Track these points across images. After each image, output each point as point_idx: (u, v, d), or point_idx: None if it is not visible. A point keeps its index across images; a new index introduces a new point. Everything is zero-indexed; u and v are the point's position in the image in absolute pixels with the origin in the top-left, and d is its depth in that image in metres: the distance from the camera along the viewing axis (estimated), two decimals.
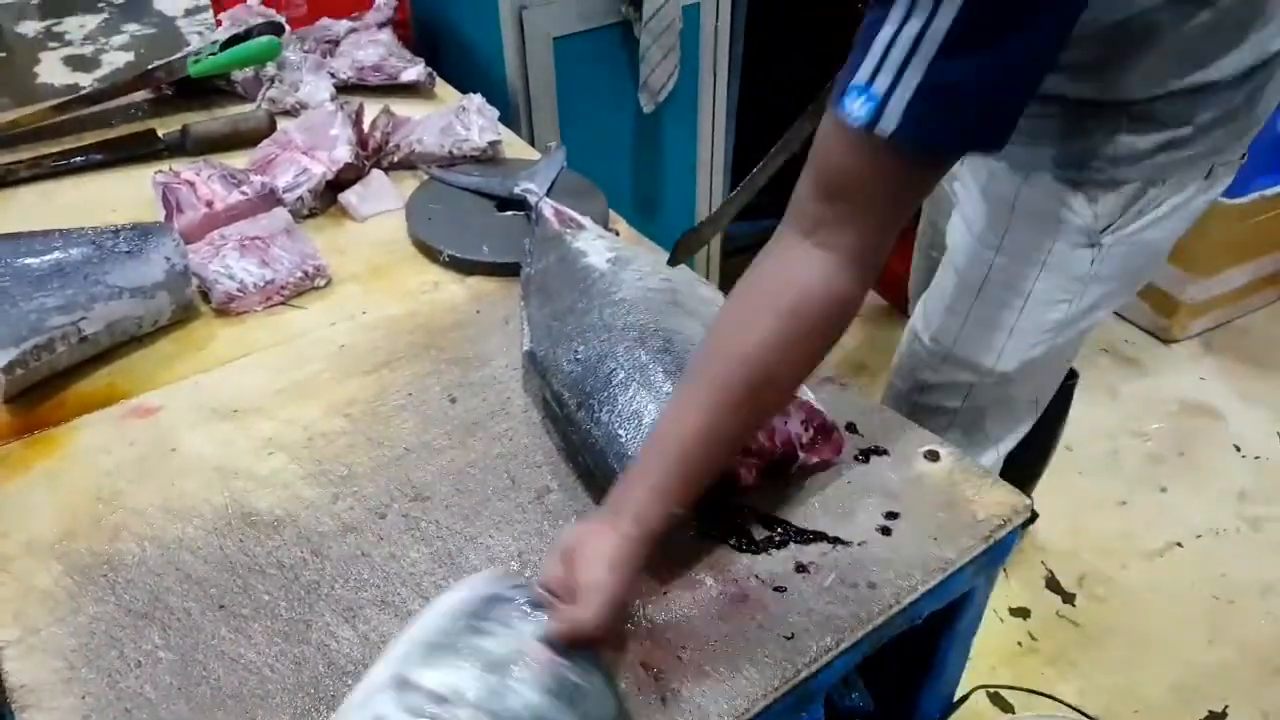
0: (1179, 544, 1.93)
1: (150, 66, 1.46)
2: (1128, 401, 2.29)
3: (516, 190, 1.21)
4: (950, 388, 1.18)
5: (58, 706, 0.71)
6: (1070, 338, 1.13)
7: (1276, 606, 1.82)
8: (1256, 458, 2.16)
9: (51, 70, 1.55)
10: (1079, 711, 1.44)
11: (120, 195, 1.28)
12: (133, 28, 4.18)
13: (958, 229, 1.12)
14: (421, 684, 0.58)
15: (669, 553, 0.82)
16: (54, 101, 1.43)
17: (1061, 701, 1.41)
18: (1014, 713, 1.58)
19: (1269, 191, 2.31)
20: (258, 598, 0.79)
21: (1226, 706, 1.65)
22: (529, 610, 0.64)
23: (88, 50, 3.77)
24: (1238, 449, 2.19)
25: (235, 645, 0.76)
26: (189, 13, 4.34)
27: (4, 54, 1.63)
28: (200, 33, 4.06)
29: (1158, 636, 1.75)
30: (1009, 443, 1.27)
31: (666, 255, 1.10)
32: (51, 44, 1.66)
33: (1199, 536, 1.95)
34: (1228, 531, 1.97)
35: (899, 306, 2.33)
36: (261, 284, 1.08)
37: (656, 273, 1.00)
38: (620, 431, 0.83)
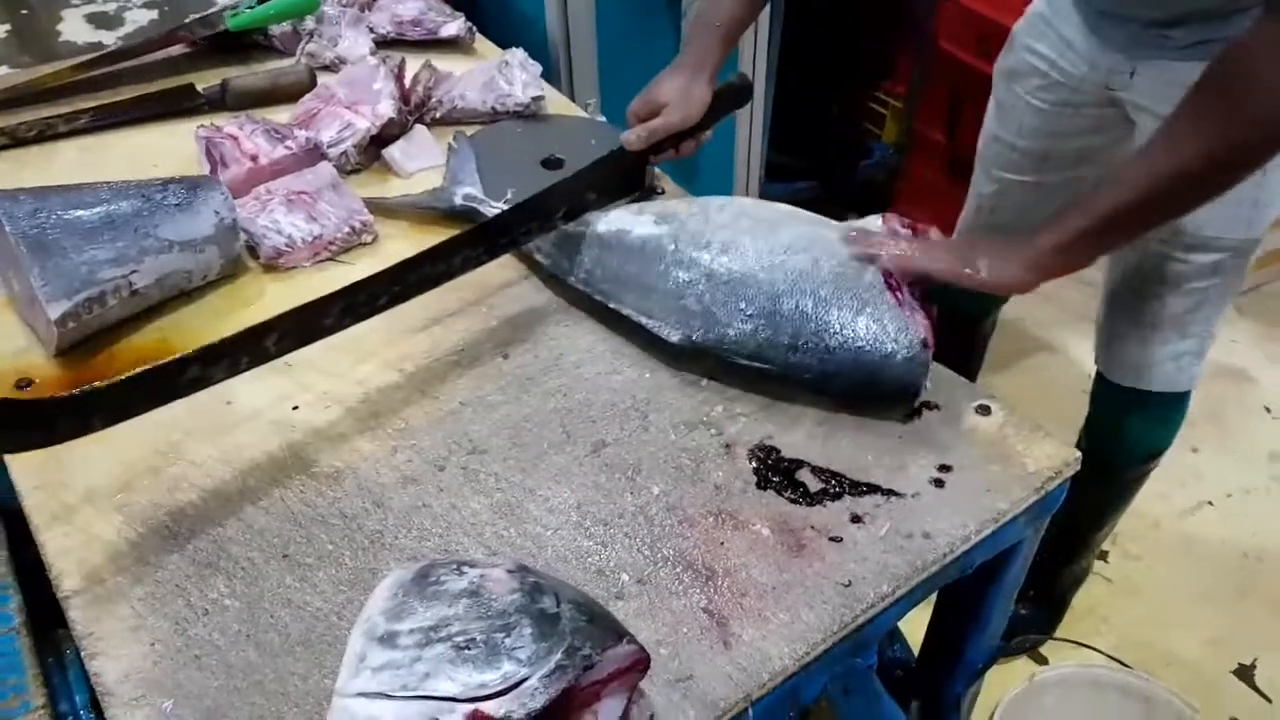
0: (1210, 503, 1.94)
1: (187, 20, 1.45)
2: None
3: (458, 203, 1.15)
4: (1199, 268, 1.20)
5: (127, 654, 0.73)
6: None
7: None
8: None
9: (75, 29, 1.53)
10: (1114, 659, 1.46)
11: (161, 149, 1.28)
12: None
13: None
14: (401, 629, 0.59)
15: (727, 505, 0.83)
16: (87, 57, 1.43)
17: (1096, 649, 1.43)
18: (1046, 663, 1.60)
19: None
20: (321, 547, 0.81)
21: (1256, 659, 1.66)
22: (459, 568, 0.63)
23: (110, 8, 3.74)
24: (1268, 410, 2.19)
25: (301, 593, 0.77)
26: None
27: (26, 11, 1.63)
28: None
29: (1189, 593, 1.77)
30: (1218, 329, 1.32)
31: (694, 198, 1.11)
32: (74, 1, 1.66)
33: (1229, 496, 1.96)
34: (1258, 491, 1.98)
35: None
36: (309, 239, 1.09)
37: (719, 206, 1.00)
38: (861, 336, 0.88)
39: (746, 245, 0.94)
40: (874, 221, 0.96)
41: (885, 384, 0.88)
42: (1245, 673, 1.65)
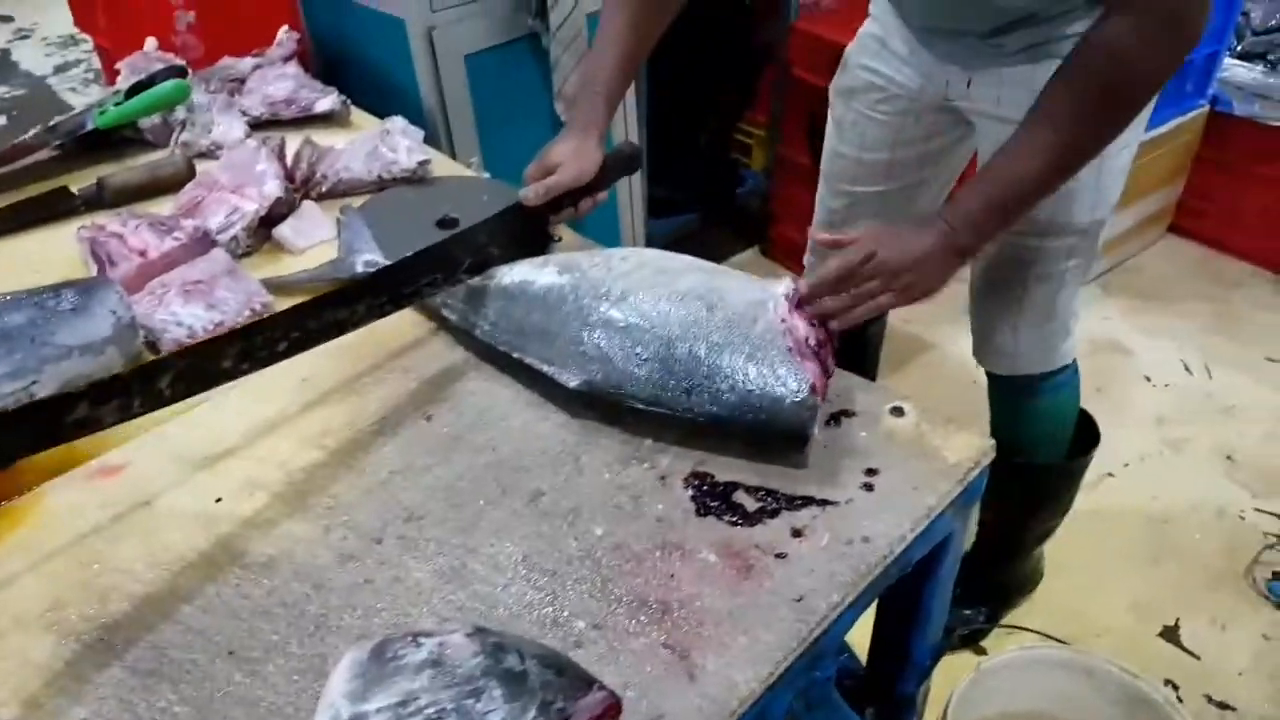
0: (1110, 474, 2.03)
1: (51, 123, 1.41)
2: None
3: (360, 270, 1.15)
4: (1055, 252, 1.29)
5: None
6: (1126, 174, 1.31)
7: (1208, 519, 1.94)
8: (1166, 385, 2.30)
9: None
10: (1049, 636, 1.52)
11: (42, 256, 1.23)
12: (1, 90, 4.01)
13: (994, 139, 1.21)
14: (368, 710, 0.58)
15: (670, 538, 0.84)
16: None
17: (1030, 630, 1.48)
18: (985, 654, 1.65)
19: (1144, 137, 2.45)
20: (265, 639, 0.78)
21: (1179, 619, 1.75)
22: (415, 640, 0.63)
23: None
24: (1148, 379, 2.32)
25: (252, 689, 0.75)
26: (59, 70, 4.18)
27: None
28: (75, 89, 3.92)
29: (1106, 563, 1.85)
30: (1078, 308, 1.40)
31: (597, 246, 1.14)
32: None
33: (1126, 465, 2.07)
34: (1151, 456, 2.10)
35: None
36: (210, 326, 1.07)
37: (621, 257, 1.02)
38: (751, 380, 0.90)
39: (645, 293, 0.96)
40: (785, 283, 0.98)
41: (775, 427, 0.90)
42: (1170, 633, 1.73)
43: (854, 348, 1.76)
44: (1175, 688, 1.62)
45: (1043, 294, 1.33)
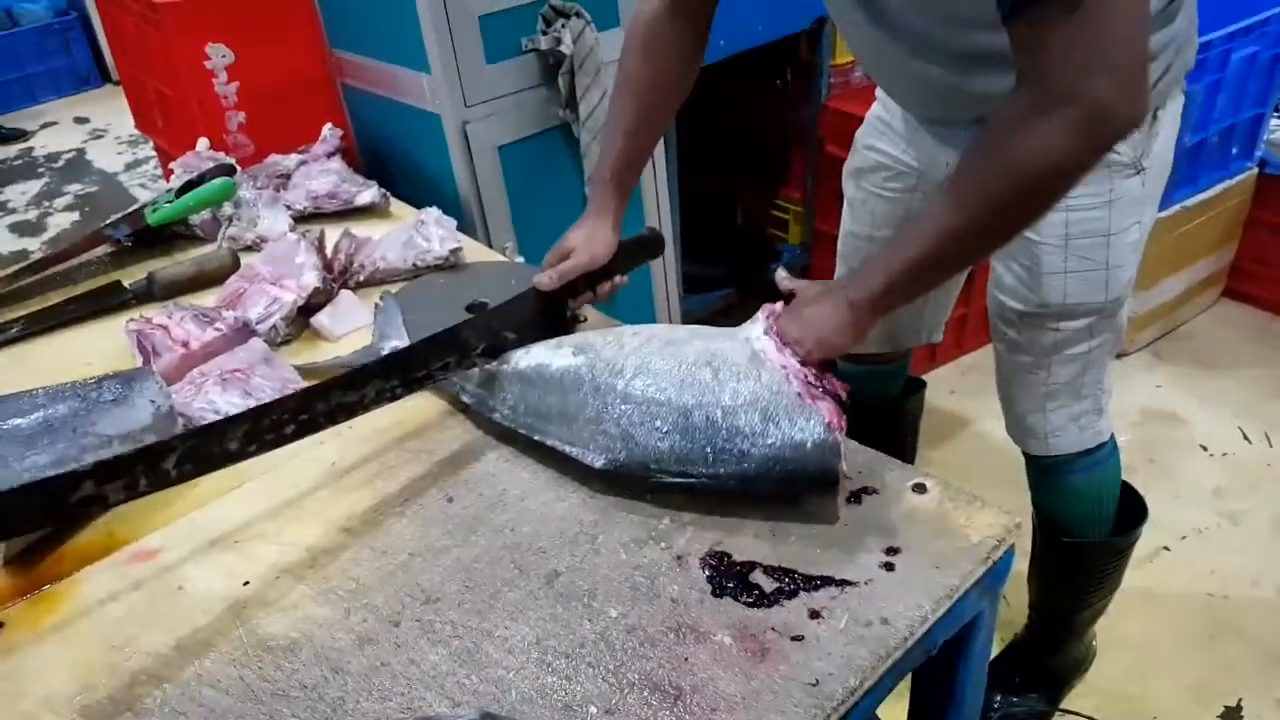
0: (1166, 548, 1.97)
1: (108, 221, 1.49)
2: None
3: (385, 354, 1.18)
4: (1075, 335, 1.28)
5: None
6: (1141, 251, 1.26)
7: (1268, 594, 1.86)
8: (1224, 455, 2.23)
9: None
10: None
11: (93, 348, 1.30)
12: (75, 188, 4.23)
13: None
14: None
15: (686, 619, 0.84)
16: (13, 268, 1.46)
17: (1081, 715, 1.42)
18: None
19: (1189, 202, 2.43)
20: None
21: (1241, 700, 1.67)
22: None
23: (32, 215, 3.81)
24: (1204, 449, 2.25)
25: None
26: (129, 167, 4.41)
27: None
28: (144, 185, 4.12)
29: (1162, 640, 1.78)
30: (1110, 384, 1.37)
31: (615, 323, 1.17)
32: None
33: (1183, 538, 2.00)
34: (1209, 529, 2.02)
35: None
36: None
37: (633, 333, 1.04)
38: (770, 434, 0.91)
39: (657, 366, 0.97)
40: (760, 322, 1.00)
41: (803, 474, 0.91)
42: (1232, 714, 1.65)
43: (889, 425, 1.76)
44: None
45: (1069, 375, 1.31)
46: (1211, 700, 1.67)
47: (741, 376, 0.94)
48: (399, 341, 1.18)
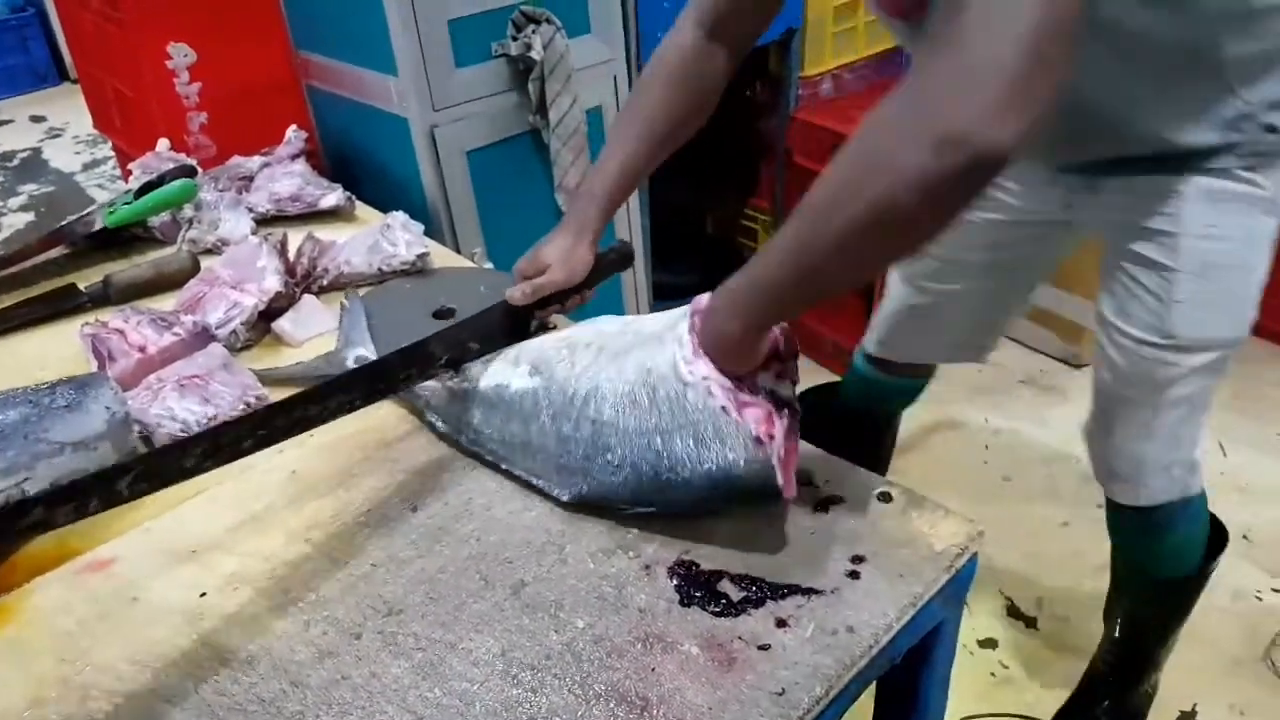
0: None
1: (64, 221, 1.46)
2: (1056, 427, 2.38)
3: (350, 364, 1.16)
4: (1195, 372, 1.21)
5: None
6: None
7: (1224, 601, 1.89)
8: None
9: None
10: None
11: (47, 352, 1.26)
12: (30, 188, 4.15)
13: (1120, 242, 1.20)
14: None
15: (653, 629, 0.83)
16: None
17: None
18: None
19: None
20: None
21: (1195, 705, 1.70)
22: None
23: None
24: None
25: None
26: (87, 167, 4.33)
27: None
28: (101, 185, 4.05)
29: None
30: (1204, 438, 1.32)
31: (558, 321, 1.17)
32: None
33: None
34: None
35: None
36: (205, 420, 1.08)
37: (585, 344, 0.99)
38: (705, 457, 0.88)
39: (605, 388, 0.93)
40: (681, 322, 0.92)
41: (744, 492, 0.89)
42: (1187, 719, 1.68)
43: (875, 440, 1.75)
44: None
45: (1172, 420, 1.25)
46: (1168, 705, 1.69)
47: (673, 397, 0.90)
48: (364, 350, 1.16)
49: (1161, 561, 1.44)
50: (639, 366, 0.93)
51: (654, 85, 1.16)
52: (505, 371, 1.03)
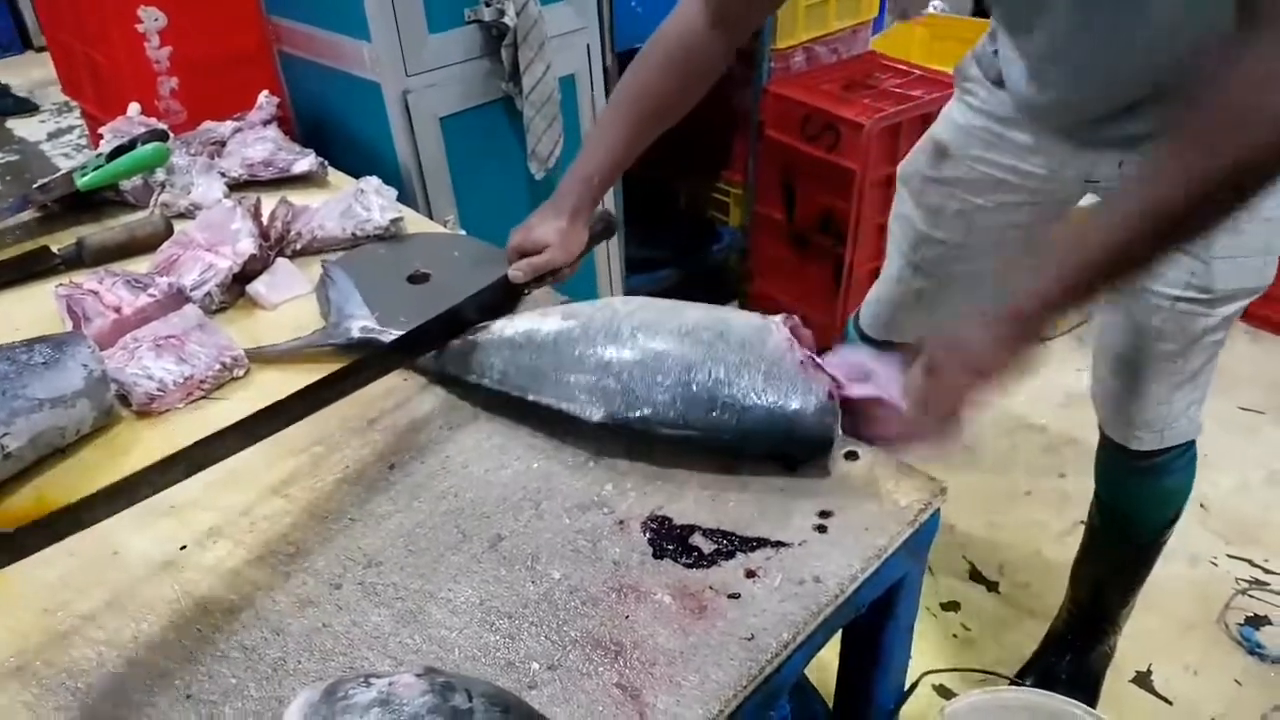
0: (1083, 522, 2.03)
1: (35, 185, 1.45)
2: (1020, 399, 2.43)
3: (355, 335, 1.16)
4: (1224, 321, 1.26)
5: None
6: None
7: (1180, 567, 1.95)
8: None
9: None
10: (1018, 681, 1.52)
11: (20, 314, 1.26)
12: None
13: None
14: None
15: (627, 580, 0.86)
16: None
17: (1000, 675, 1.48)
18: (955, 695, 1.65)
19: None
20: (224, 683, 0.79)
21: (1151, 665, 1.75)
22: (366, 680, 0.64)
23: None
24: None
25: None
26: (52, 136, 4.26)
27: None
28: (67, 155, 3.99)
29: None
30: None
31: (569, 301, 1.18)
32: None
33: None
34: None
35: None
36: (181, 380, 1.09)
37: (623, 301, 1.07)
38: (773, 394, 0.94)
39: (657, 326, 1.00)
40: (776, 320, 1.00)
41: (801, 433, 0.94)
42: (1143, 679, 1.74)
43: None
44: None
45: (1198, 364, 1.30)
46: (1124, 665, 1.75)
47: (746, 341, 0.97)
48: (366, 320, 1.17)
49: (1152, 508, 1.50)
50: (704, 317, 1.01)
51: (652, 69, 1.18)
52: (534, 320, 1.06)
